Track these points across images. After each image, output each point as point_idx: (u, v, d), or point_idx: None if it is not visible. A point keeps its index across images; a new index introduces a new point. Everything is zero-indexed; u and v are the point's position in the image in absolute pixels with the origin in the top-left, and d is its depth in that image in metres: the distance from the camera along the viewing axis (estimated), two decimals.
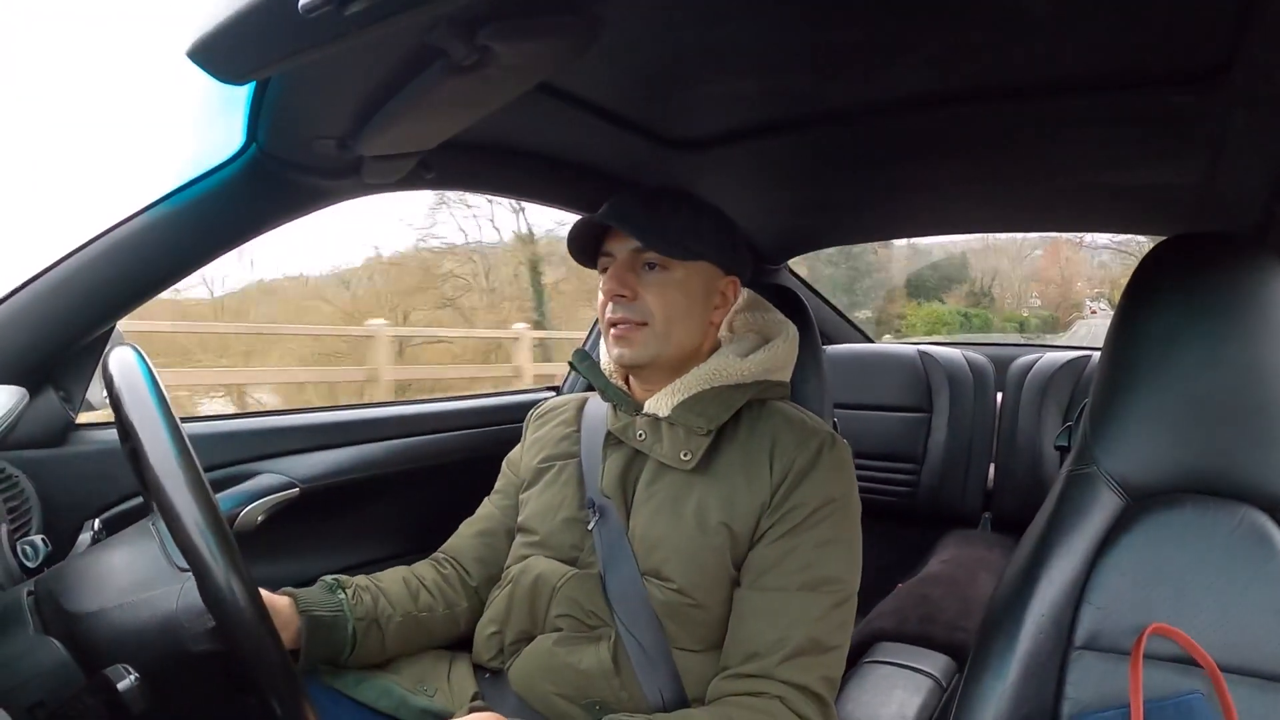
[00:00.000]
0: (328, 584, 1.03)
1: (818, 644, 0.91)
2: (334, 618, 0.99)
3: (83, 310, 1.05)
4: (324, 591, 1.02)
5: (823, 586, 0.93)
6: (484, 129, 0.97)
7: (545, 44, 0.74)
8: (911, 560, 2.05)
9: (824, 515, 0.96)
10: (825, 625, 0.92)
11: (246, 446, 1.36)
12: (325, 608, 0.99)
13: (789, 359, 1.14)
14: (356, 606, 1.01)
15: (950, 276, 19.35)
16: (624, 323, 1.03)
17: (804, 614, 0.92)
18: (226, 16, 0.62)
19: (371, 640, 1.02)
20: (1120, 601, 0.89)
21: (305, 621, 0.96)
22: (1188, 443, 0.92)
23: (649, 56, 1.03)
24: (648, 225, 1.02)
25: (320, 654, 0.98)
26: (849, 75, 1.08)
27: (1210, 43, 0.91)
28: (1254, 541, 0.87)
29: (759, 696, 0.88)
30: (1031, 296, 21.58)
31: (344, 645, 1.00)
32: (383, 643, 1.04)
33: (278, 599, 0.96)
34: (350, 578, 1.06)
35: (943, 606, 1.56)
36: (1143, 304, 0.97)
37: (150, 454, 0.67)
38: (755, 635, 0.92)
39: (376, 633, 1.03)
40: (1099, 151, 1.31)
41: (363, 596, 1.03)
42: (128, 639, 0.71)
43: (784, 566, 0.94)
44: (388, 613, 1.04)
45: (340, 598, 1.01)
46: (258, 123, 0.96)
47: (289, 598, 0.97)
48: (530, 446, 1.20)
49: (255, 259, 10.27)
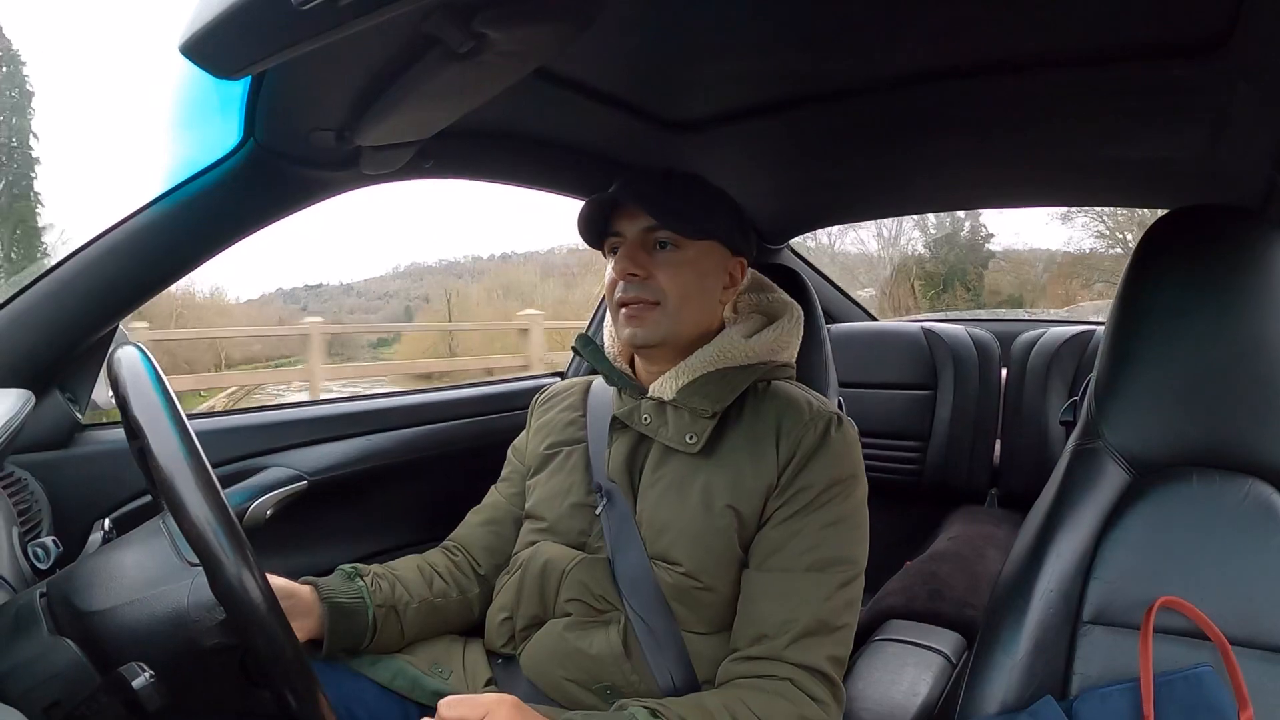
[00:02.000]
0: (346, 572, 1.04)
1: (825, 624, 0.91)
2: (354, 605, 1.00)
3: (86, 311, 1.05)
4: (343, 580, 1.03)
5: (830, 567, 0.93)
6: (482, 116, 0.96)
7: (541, 29, 0.74)
8: (919, 538, 2.06)
9: (831, 496, 0.96)
10: (833, 605, 0.92)
11: (254, 441, 1.36)
12: (346, 595, 1.00)
13: (794, 339, 1.13)
14: (375, 594, 1.03)
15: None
16: (636, 302, 1.03)
17: (812, 595, 0.92)
18: (220, 11, 0.61)
19: (390, 627, 1.03)
20: (1127, 576, 0.89)
21: (327, 610, 0.97)
22: (1193, 416, 0.92)
23: (646, 39, 1.02)
24: (662, 203, 1.02)
25: (343, 642, 0.99)
26: (848, 53, 1.07)
27: (1210, 14, 0.90)
28: (1260, 514, 0.87)
29: (768, 679, 0.89)
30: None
31: (364, 632, 1.01)
32: (401, 629, 1.05)
33: (300, 588, 0.97)
34: (367, 566, 1.07)
35: (951, 583, 1.56)
36: (1146, 278, 0.97)
37: (158, 452, 0.68)
38: (763, 617, 0.92)
39: (395, 619, 1.04)
40: (1100, 125, 1.30)
41: (380, 584, 1.04)
42: (139, 635, 0.72)
43: (791, 548, 0.94)
44: (405, 599, 1.05)
45: (359, 585, 1.02)
46: (255, 116, 0.96)
47: (310, 586, 0.99)
48: (536, 433, 1.21)
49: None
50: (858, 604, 0.96)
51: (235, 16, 0.62)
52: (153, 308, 11.80)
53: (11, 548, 0.91)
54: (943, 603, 1.49)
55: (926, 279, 18.24)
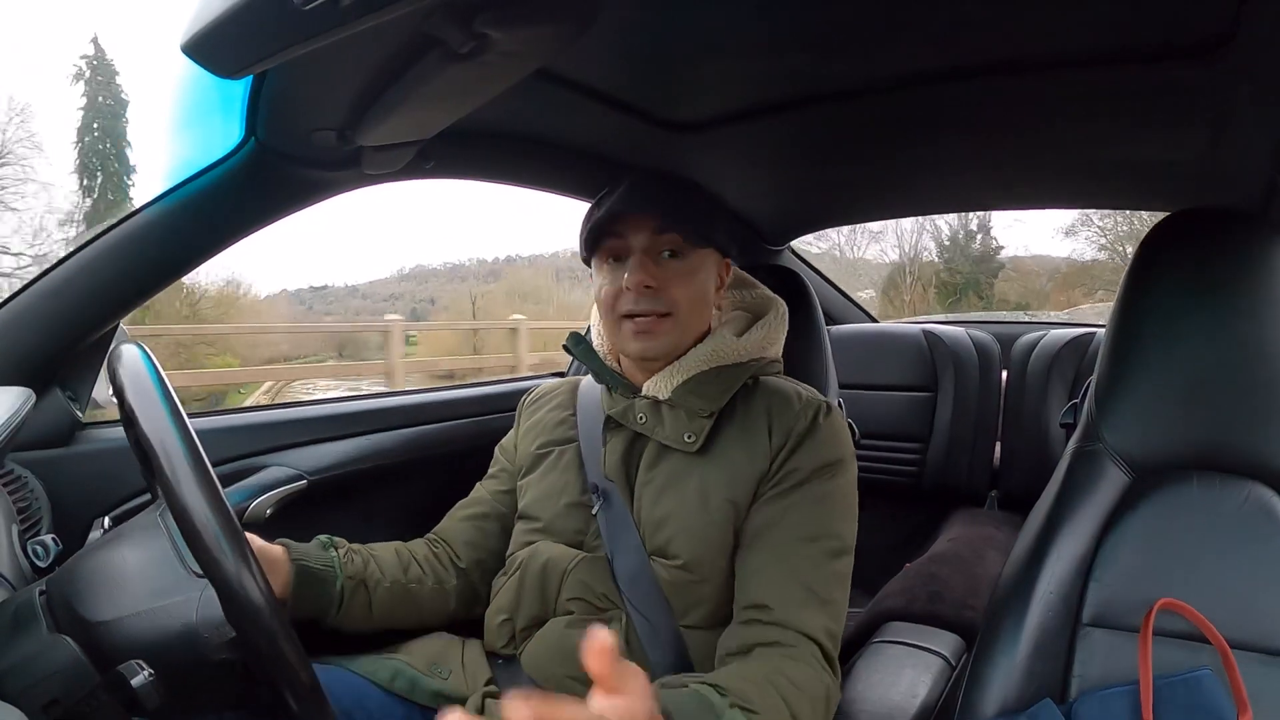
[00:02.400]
0: (322, 541, 1.04)
1: (816, 595, 0.92)
2: (324, 572, 0.99)
3: (87, 309, 1.05)
4: (318, 547, 1.02)
5: (819, 538, 0.94)
6: (482, 116, 0.96)
7: (542, 29, 0.74)
8: (919, 540, 2.06)
9: (819, 476, 0.97)
10: (821, 575, 0.93)
11: (254, 440, 1.36)
12: (317, 562, 0.99)
13: (781, 334, 1.14)
14: (348, 565, 1.02)
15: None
16: (648, 315, 1.01)
17: (801, 564, 0.93)
18: (222, 10, 0.61)
19: (358, 602, 1.02)
20: (1127, 578, 0.89)
21: (295, 570, 0.96)
22: (1193, 419, 0.92)
23: (647, 39, 1.02)
24: (675, 211, 1.02)
25: (308, 607, 0.98)
26: (848, 54, 1.07)
27: (1212, 15, 0.90)
28: (1261, 517, 0.86)
29: (787, 646, 0.89)
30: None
31: (332, 602, 1.00)
32: (369, 606, 1.04)
33: (271, 547, 0.96)
34: (345, 541, 1.07)
35: (951, 585, 1.56)
36: (1147, 280, 0.97)
37: (159, 452, 0.68)
38: (758, 586, 0.93)
39: (364, 595, 1.03)
40: (1101, 127, 1.30)
41: (354, 558, 1.04)
42: (146, 647, 0.71)
43: (780, 523, 0.95)
44: (376, 577, 1.05)
45: (333, 555, 1.02)
46: (256, 116, 0.96)
47: (283, 547, 0.98)
48: (526, 433, 1.21)
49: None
50: (847, 582, 0.97)
51: (237, 16, 0.61)
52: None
53: (11, 545, 0.91)
54: (942, 605, 1.49)
55: (942, 287, 19.03)
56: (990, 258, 19.80)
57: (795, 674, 0.86)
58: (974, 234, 19.27)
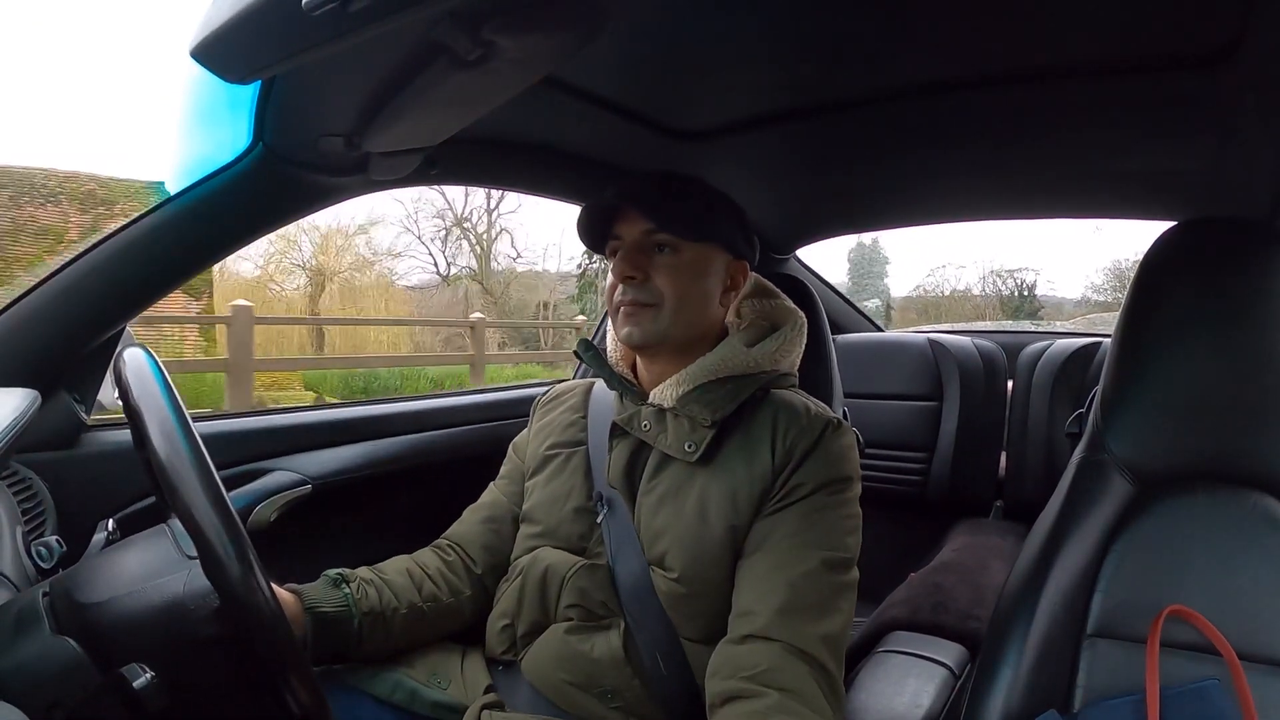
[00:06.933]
0: (331, 578, 1.02)
1: (810, 603, 0.89)
2: (339, 613, 0.99)
3: (94, 312, 1.06)
4: (328, 587, 1.01)
5: (818, 548, 0.93)
6: (490, 123, 0.97)
7: (549, 37, 0.74)
8: (923, 549, 2.05)
9: (822, 492, 0.96)
10: (819, 583, 0.91)
11: (259, 445, 1.36)
12: (331, 604, 0.99)
13: (796, 348, 1.12)
14: (361, 601, 1.01)
15: None
16: (634, 304, 1.03)
17: (797, 572, 0.91)
18: (231, 16, 0.62)
19: (377, 634, 1.02)
20: (1132, 588, 0.88)
21: (311, 620, 0.96)
22: (1199, 429, 0.92)
23: (654, 48, 1.03)
24: (659, 206, 1.02)
25: (327, 650, 0.98)
26: (855, 64, 1.07)
27: (1218, 25, 0.90)
28: (1266, 528, 0.86)
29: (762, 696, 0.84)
30: None
31: (350, 640, 1.00)
32: (389, 636, 1.03)
33: (284, 595, 0.95)
34: (353, 571, 1.06)
35: (955, 595, 1.55)
36: (1153, 290, 0.97)
37: (162, 454, 0.68)
38: (752, 599, 0.91)
39: (383, 626, 1.02)
40: (1108, 137, 1.30)
41: (367, 590, 1.03)
42: (135, 625, 0.72)
43: (779, 533, 0.94)
44: (393, 605, 1.04)
45: (345, 592, 1.01)
46: (264, 121, 0.96)
47: (294, 595, 0.97)
48: (537, 433, 1.20)
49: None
50: (852, 594, 0.95)
51: (246, 22, 0.62)
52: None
53: (15, 547, 0.91)
54: (946, 614, 1.48)
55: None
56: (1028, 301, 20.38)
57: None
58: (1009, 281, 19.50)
